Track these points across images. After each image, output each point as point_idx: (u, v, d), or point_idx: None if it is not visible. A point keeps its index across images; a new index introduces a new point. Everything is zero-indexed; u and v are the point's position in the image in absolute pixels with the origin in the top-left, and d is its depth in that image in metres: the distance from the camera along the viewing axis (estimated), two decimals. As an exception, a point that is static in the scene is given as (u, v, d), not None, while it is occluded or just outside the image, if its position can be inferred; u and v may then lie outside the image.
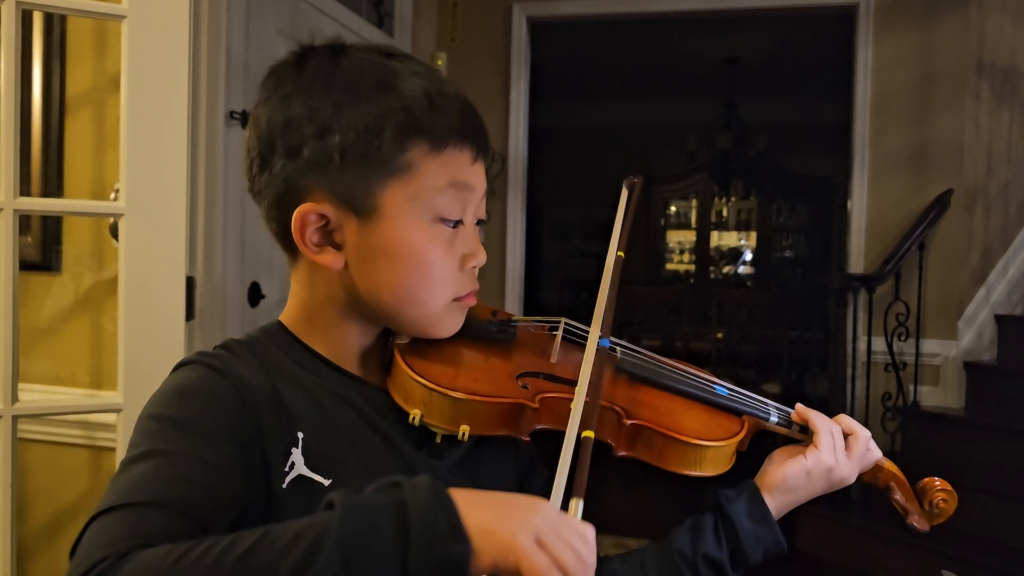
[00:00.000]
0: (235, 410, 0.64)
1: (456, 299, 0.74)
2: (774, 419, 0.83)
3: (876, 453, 0.86)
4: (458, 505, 0.52)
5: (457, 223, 0.72)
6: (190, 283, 1.51)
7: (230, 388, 0.66)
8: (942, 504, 0.85)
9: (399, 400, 0.72)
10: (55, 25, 1.65)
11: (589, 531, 0.55)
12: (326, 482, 0.67)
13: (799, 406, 0.86)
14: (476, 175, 0.72)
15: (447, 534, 0.50)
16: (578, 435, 0.61)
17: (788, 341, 4.80)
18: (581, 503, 0.56)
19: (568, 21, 3.76)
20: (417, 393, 0.70)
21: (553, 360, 0.80)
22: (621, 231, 0.82)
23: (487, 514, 0.53)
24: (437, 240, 0.70)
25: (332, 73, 0.69)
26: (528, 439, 0.74)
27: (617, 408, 0.74)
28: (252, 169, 0.72)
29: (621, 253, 0.80)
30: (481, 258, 0.74)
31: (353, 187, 0.68)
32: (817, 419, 0.84)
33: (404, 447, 0.72)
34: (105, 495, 0.57)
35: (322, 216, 0.69)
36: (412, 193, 0.68)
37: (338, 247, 0.70)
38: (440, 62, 3.43)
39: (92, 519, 0.56)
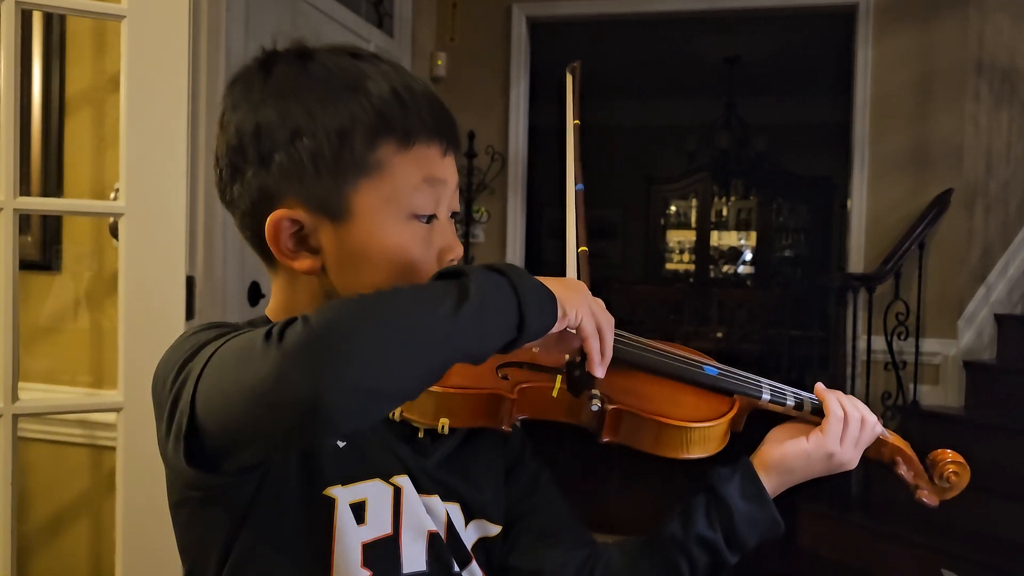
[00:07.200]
0: None
1: None
2: (767, 397, 0.82)
3: (879, 429, 0.84)
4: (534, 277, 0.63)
5: (431, 218, 0.70)
6: (190, 282, 1.51)
7: None
8: (953, 477, 0.82)
9: None
10: (55, 25, 1.65)
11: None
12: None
13: (819, 386, 0.86)
14: (447, 169, 0.71)
15: (544, 290, 0.63)
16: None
17: (788, 340, 4.81)
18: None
19: (568, 21, 3.75)
20: None
21: (536, 350, 0.79)
22: (572, 107, 0.90)
23: (557, 286, 0.65)
24: (414, 238, 0.69)
25: (300, 77, 0.67)
26: (509, 430, 0.74)
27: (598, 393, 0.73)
28: (223, 178, 0.71)
29: (577, 121, 0.83)
30: (458, 251, 0.73)
31: (325, 191, 0.67)
32: (832, 405, 0.83)
33: (389, 443, 0.73)
34: (196, 361, 0.60)
35: (295, 222, 0.67)
36: (386, 193, 0.67)
37: (314, 251, 0.69)
38: (440, 62, 3.43)
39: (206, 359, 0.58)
